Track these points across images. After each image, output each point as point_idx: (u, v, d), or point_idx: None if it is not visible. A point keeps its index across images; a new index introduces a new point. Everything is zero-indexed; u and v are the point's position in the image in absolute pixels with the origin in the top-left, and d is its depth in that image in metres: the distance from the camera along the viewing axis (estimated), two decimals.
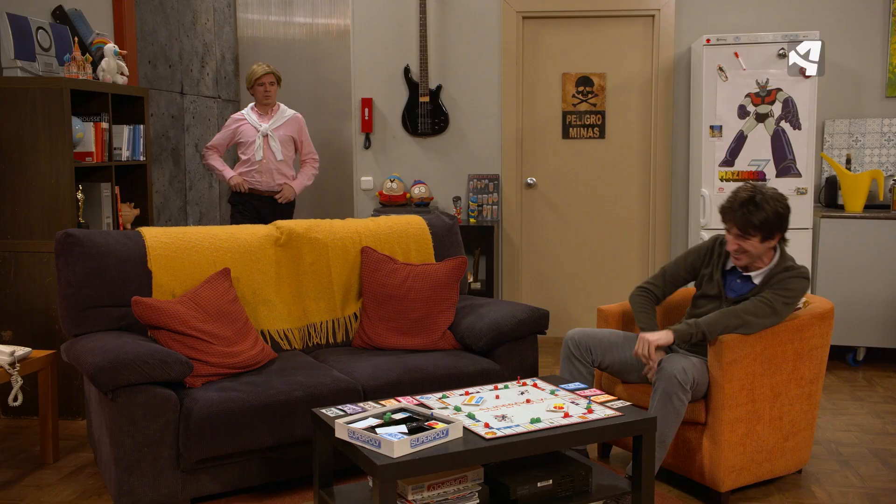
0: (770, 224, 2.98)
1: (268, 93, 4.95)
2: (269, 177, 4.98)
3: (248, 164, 4.96)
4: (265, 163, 4.94)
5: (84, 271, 3.15)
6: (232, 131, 5.02)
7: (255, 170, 4.95)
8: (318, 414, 2.63)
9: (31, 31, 3.94)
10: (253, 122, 4.97)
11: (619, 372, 3.24)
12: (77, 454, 3.54)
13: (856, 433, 3.77)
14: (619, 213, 5.61)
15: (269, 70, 4.92)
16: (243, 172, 4.99)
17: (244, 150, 4.99)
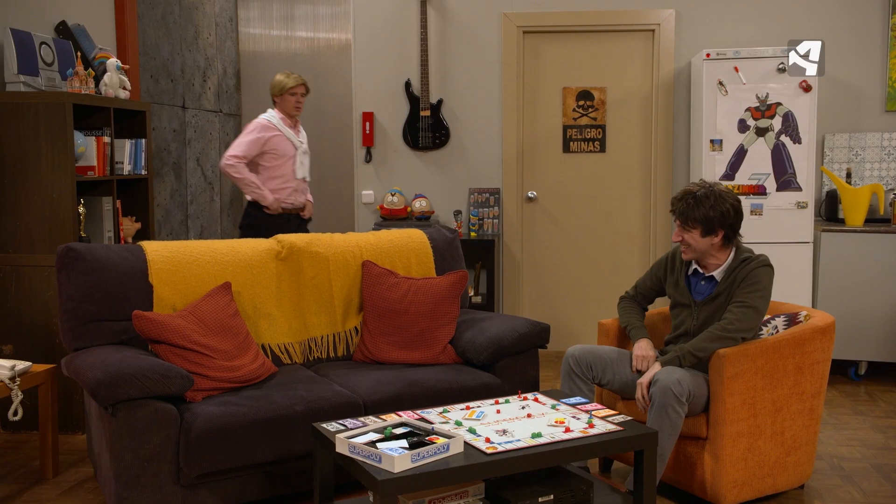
0: (709, 219, 3.05)
1: (299, 104, 4.69)
2: (302, 195, 4.76)
3: (282, 180, 4.63)
4: (302, 182, 4.72)
5: (85, 285, 3.15)
6: (262, 142, 4.61)
7: (291, 188, 4.66)
8: (319, 428, 2.63)
9: (35, 46, 3.96)
10: (289, 136, 4.66)
11: (619, 389, 3.23)
12: (77, 469, 3.53)
13: (858, 448, 3.76)
14: (619, 227, 5.61)
15: (302, 80, 4.70)
16: (276, 190, 4.63)
17: (278, 165, 4.63)
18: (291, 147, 4.65)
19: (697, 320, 3.16)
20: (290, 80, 4.64)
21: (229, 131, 6.06)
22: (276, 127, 4.62)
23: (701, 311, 3.16)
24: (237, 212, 6.23)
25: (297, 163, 4.65)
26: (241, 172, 4.55)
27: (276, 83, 4.68)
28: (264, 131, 4.60)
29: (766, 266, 3.07)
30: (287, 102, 4.66)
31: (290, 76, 4.67)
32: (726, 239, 3.11)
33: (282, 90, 4.64)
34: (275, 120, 4.65)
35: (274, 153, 4.61)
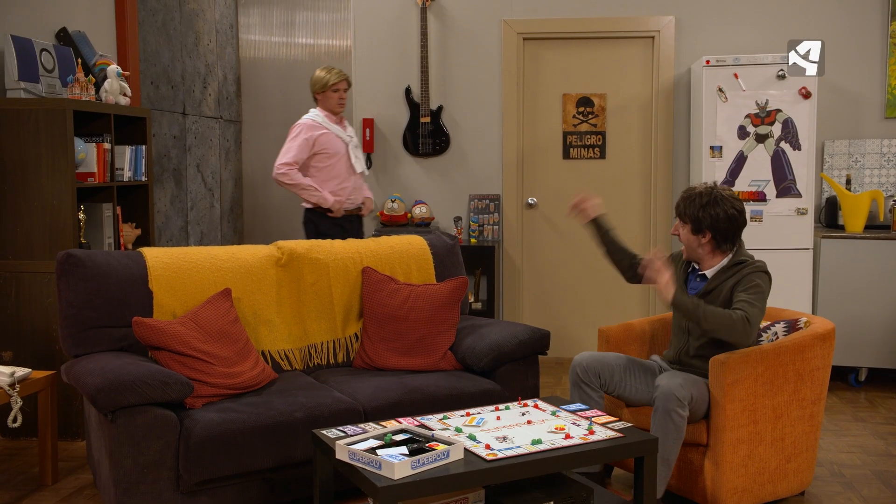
0: (697, 219, 3.10)
1: (343, 100, 4.52)
2: (359, 192, 4.61)
3: (339, 180, 4.49)
4: (357, 177, 4.57)
5: (85, 292, 3.15)
6: (312, 142, 4.45)
7: (350, 186, 4.52)
8: (319, 435, 2.62)
9: (35, 53, 3.97)
10: (336, 132, 4.50)
11: (627, 397, 3.23)
12: (76, 476, 3.53)
13: (858, 455, 3.76)
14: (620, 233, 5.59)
15: (345, 75, 4.52)
16: (336, 191, 4.48)
17: (331, 164, 4.48)
18: (341, 143, 4.51)
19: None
20: (332, 75, 4.47)
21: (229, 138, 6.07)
22: (321, 125, 4.47)
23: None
24: (237, 218, 6.23)
25: (351, 158, 4.50)
26: (295, 178, 4.42)
27: (317, 79, 4.50)
28: (311, 131, 4.45)
29: (762, 271, 3.07)
30: (330, 99, 4.49)
31: (332, 71, 4.49)
32: (715, 242, 3.11)
33: (324, 87, 4.47)
34: (319, 118, 4.50)
35: (325, 152, 4.46)
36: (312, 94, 4.56)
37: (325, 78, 4.46)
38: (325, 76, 4.47)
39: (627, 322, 3.56)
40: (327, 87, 4.46)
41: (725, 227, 3.10)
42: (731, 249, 3.15)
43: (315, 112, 4.53)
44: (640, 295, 5.62)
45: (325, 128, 4.46)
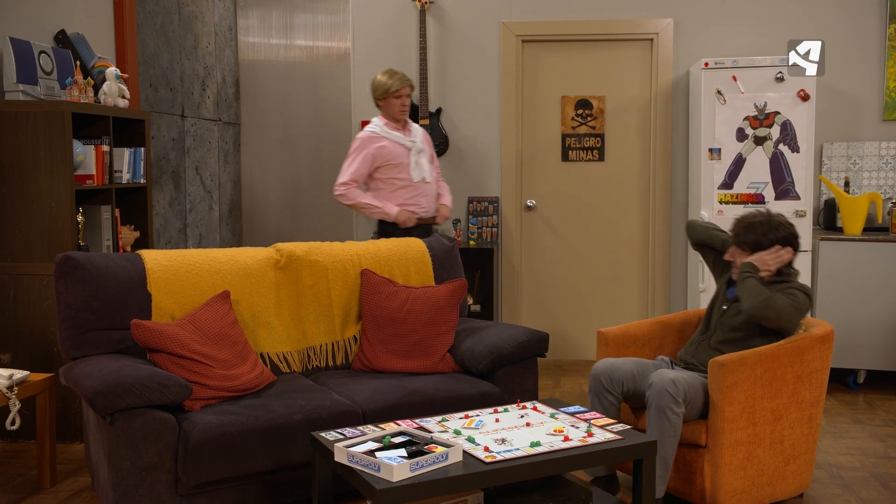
0: (759, 244, 3.18)
1: (405, 107, 4.29)
2: (431, 200, 4.34)
3: (411, 189, 4.26)
4: (426, 184, 4.31)
5: (84, 294, 3.15)
6: (371, 157, 4.24)
7: (418, 194, 4.29)
8: (318, 437, 2.62)
9: (34, 55, 3.97)
10: (397, 139, 4.28)
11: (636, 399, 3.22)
12: (74, 478, 3.52)
13: (857, 457, 3.76)
14: (618, 235, 5.62)
15: (408, 80, 4.28)
16: (405, 202, 4.27)
17: (396, 174, 4.26)
18: (404, 151, 4.29)
19: (719, 314, 3.27)
20: (395, 81, 4.24)
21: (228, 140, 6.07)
22: (379, 135, 4.28)
23: (729, 309, 3.24)
24: (236, 220, 6.23)
25: (413, 165, 4.28)
26: (353, 198, 4.24)
27: (379, 85, 4.28)
28: (369, 144, 4.25)
29: (801, 291, 3.15)
30: (392, 107, 4.28)
31: (394, 76, 4.26)
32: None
33: (385, 93, 4.25)
34: (378, 129, 4.30)
35: (388, 164, 4.25)
36: (374, 101, 4.36)
37: (386, 84, 4.25)
38: (386, 81, 4.26)
39: (626, 324, 3.56)
40: (389, 93, 4.25)
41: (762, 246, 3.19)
42: (787, 273, 3.23)
43: (375, 122, 4.34)
44: (639, 297, 5.62)
45: (385, 138, 4.27)
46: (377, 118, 4.38)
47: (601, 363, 3.20)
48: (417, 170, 4.29)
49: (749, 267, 3.15)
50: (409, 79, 4.30)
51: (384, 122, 4.33)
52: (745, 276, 3.13)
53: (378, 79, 4.33)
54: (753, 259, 3.18)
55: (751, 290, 3.07)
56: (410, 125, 4.42)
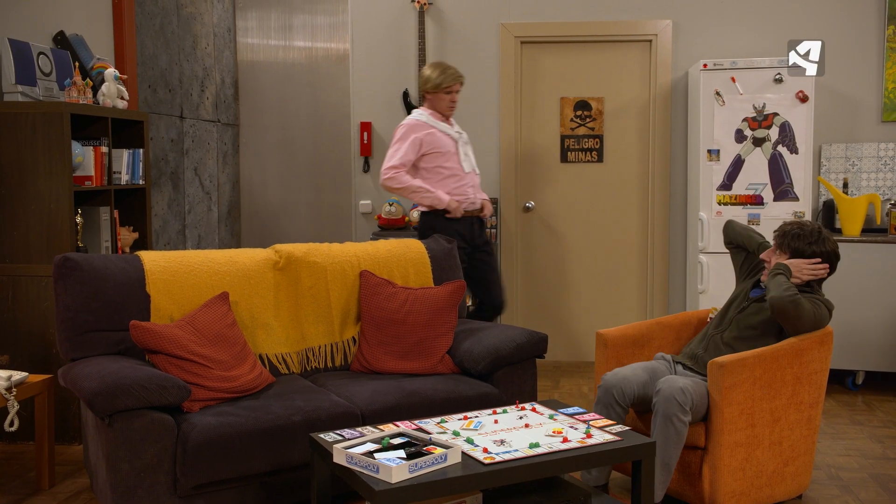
0: (800, 251, 3.21)
1: (454, 103, 4.26)
2: (477, 191, 4.32)
3: (456, 179, 4.21)
4: (474, 175, 4.31)
5: (82, 295, 3.15)
6: (419, 143, 4.20)
7: (465, 184, 4.23)
8: (317, 439, 2.62)
9: (33, 57, 3.97)
10: (444, 129, 4.24)
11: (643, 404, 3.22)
12: (73, 480, 3.52)
13: (856, 458, 3.76)
14: (617, 236, 5.62)
15: (460, 77, 4.22)
16: (453, 190, 4.22)
17: (443, 162, 4.21)
18: (450, 141, 4.26)
19: (737, 310, 3.29)
20: (447, 77, 4.16)
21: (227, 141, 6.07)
22: (427, 124, 4.24)
23: (749, 307, 3.25)
24: (234, 221, 6.23)
25: (461, 155, 4.25)
26: (404, 181, 4.19)
27: (430, 78, 4.20)
28: (416, 131, 4.21)
29: (825, 304, 3.19)
30: (441, 101, 4.23)
31: (447, 71, 4.18)
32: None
33: (436, 87, 4.19)
34: (424, 117, 4.27)
35: (435, 151, 4.21)
36: (421, 93, 4.30)
37: (438, 79, 4.19)
38: (438, 76, 4.19)
39: (625, 325, 3.56)
40: (440, 88, 4.21)
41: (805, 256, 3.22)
42: (818, 286, 3.27)
43: (420, 111, 4.30)
44: (638, 298, 5.62)
45: (432, 126, 4.24)
46: (421, 109, 4.34)
47: (612, 376, 3.16)
48: (467, 160, 4.29)
49: (782, 267, 3.17)
50: (461, 75, 4.26)
51: (429, 112, 4.29)
52: (777, 272, 3.15)
53: (426, 72, 4.29)
54: (791, 263, 3.19)
55: (779, 284, 3.08)
56: (452, 119, 4.41)
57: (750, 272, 3.45)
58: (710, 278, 4.96)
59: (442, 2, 5.56)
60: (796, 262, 3.19)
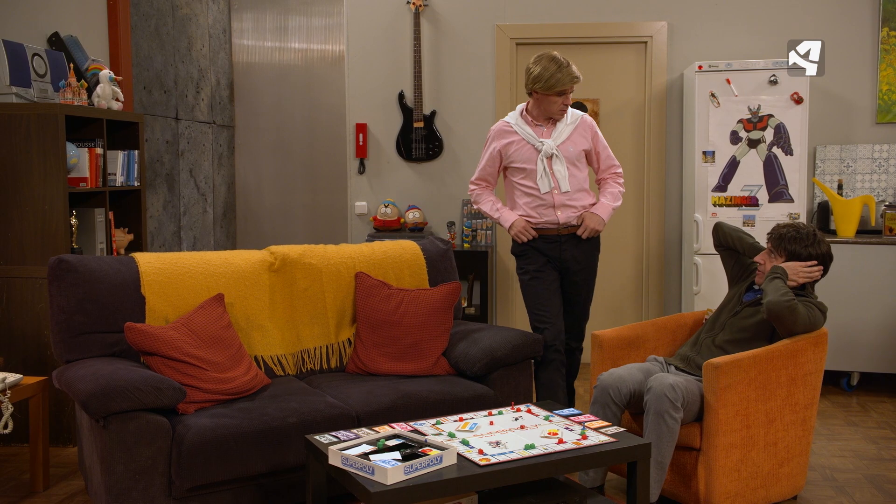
0: (796, 254, 3.21)
1: (566, 106, 3.68)
2: (565, 210, 3.72)
3: (533, 198, 3.72)
4: (560, 195, 3.70)
5: (77, 297, 3.14)
6: (498, 152, 3.76)
7: (542, 204, 3.70)
8: (312, 440, 2.62)
9: (27, 58, 3.96)
10: (528, 136, 3.70)
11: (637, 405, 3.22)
12: (68, 482, 3.51)
13: (851, 459, 3.77)
14: (612, 237, 5.62)
15: (578, 78, 3.62)
16: (528, 211, 3.74)
17: (520, 178, 3.74)
18: (532, 153, 3.72)
19: (730, 314, 3.29)
20: (565, 75, 3.58)
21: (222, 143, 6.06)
22: (511, 129, 3.77)
23: (742, 311, 3.26)
24: (230, 223, 6.22)
25: (539, 171, 3.70)
26: (479, 202, 3.92)
27: (542, 76, 3.60)
28: (496, 139, 3.80)
29: (818, 308, 3.19)
30: (551, 105, 3.65)
31: (563, 69, 3.57)
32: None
33: (548, 88, 3.59)
34: (512, 120, 3.79)
35: (513, 165, 3.79)
36: (528, 90, 3.70)
37: (552, 78, 3.58)
38: (553, 74, 3.57)
39: (621, 327, 3.56)
40: (552, 89, 3.60)
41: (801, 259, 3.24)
42: (811, 288, 3.28)
43: (516, 111, 3.83)
44: (634, 299, 5.62)
45: (515, 133, 3.75)
46: (521, 105, 3.79)
47: (608, 376, 3.17)
48: (546, 178, 3.66)
49: (779, 270, 3.17)
50: (579, 76, 3.61)
51: (524, 114, 3.74)
52: (774, 276, 3.15)
53: (541, 68, 3.59)
54: (787, 266, 3.20)
55: (777, 288, 3.09)
56: (564, 118, 3.74)
57: (742, 275, 3.46)
58: (706, 280, 4.97)
59: (437, 3, 5.56)
60: (793, 266, 3.20)
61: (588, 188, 3.83)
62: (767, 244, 3.31)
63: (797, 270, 3.20)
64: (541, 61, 3.62)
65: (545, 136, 3.71)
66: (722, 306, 3.39)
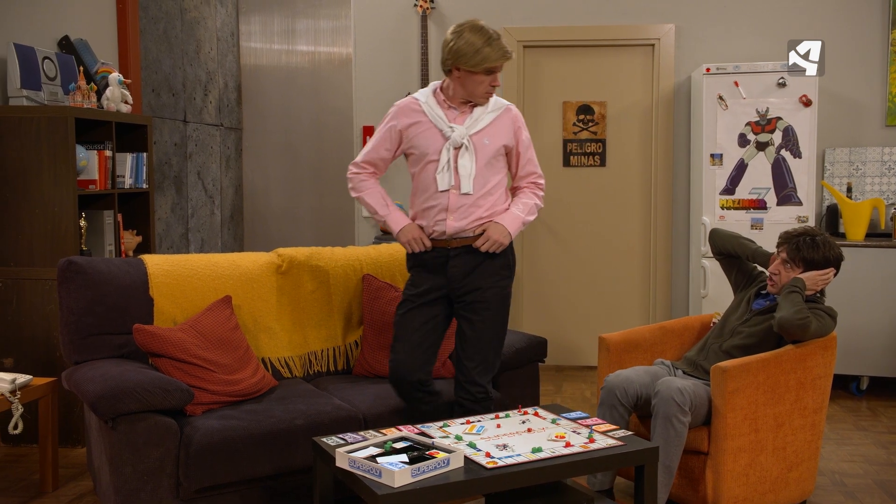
0: (813, 260, 3.17)
1: (493, 90, 2.98)
2: (462, 217, 2.98)
3: (426, 197, 3.02)
4: (459, 196, 2.96)
5: (86, 299, 3.15)
6: (398, 132, 3.01)
7: (437, 206, 2.98)
8: (319, 443, 2.62)
9: (38, 61, 3.98)
10: (436, 119, 2.96)
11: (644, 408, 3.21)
12: (77, 482, 3.52)
13: (860, 464, 3.75)
14: (619, 241, 5.62)
15: (510, 53, 2.96)
16: (422, 213, 3.04)
17: (420, 168, 3.02)
18: (439, 140, 3.02)
19: (739, 321, 3.27)
20: (495, 50, 2.92)
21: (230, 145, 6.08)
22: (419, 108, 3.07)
23: (751, 319, 3.24)
24: (237, 225, 6.24)
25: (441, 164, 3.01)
26: (358, 189, 3.20)
27: (467, 49, 2.91)
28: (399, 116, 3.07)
29: (829, 314, 3.17)
30: (478, 84, 2.96)
31: (493, 42, 2.92)
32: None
33: (476, 63, 2.91)
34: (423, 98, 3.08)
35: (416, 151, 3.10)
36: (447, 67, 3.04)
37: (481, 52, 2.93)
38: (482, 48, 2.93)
39: (628, 330, 3.56)
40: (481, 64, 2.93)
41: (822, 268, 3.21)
42: (821, 292, 3.25)
43: (428, 89, 3.13)
44: (641, 302, 5.61)
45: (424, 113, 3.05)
46: (435, 83, 3.07)
47: (615, 377, 3.16)
48: (447, 173, 2.95)
49: (799, 283, 3.12)
50: (510, 51, 2.96)
51: (438, 92, 3.02)
52: (792, 289, 3.10)
53: (465, 41, 2.91)
54: (806, 277, 3.16)
55: (793, 303, 3.04)
56: (479, 110, 3.01)
57: (746, 281, 3.42)
58: (713, 283, 4.96)
59: (444, 6, 5.56)
60: (811, 276, 3.16)
61: (500, 196, 3.04)
62: (780, 253, 3.24)
63: (816, 280, 3.17)
64: (463, 33, 2.95)
65: (457, 122, 2.97)
66: (729, 312, 3.37)
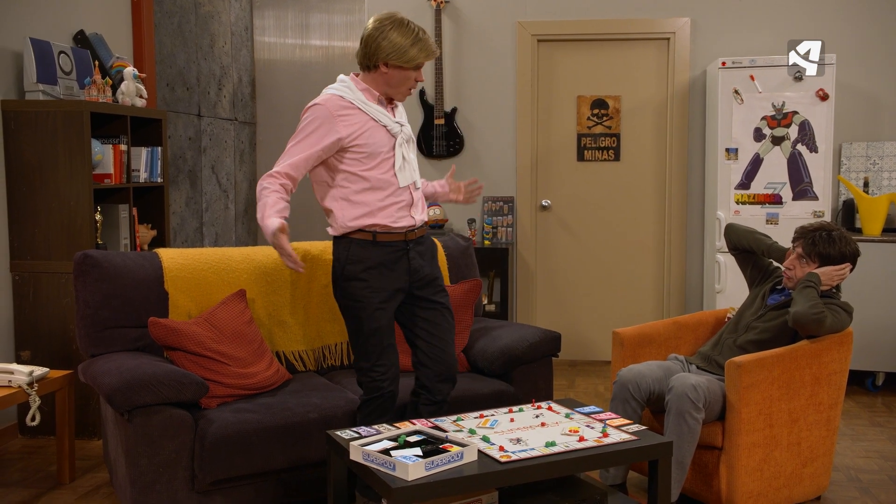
0: (829, 256, 3.15)
1: (417, 84, 2.92)
2: (421, 207, 2.96)
3: (389, 194, 2.84)
4: (412, 190, 2.91)
5: (102, 292, 3.17)
6: (336, 131, 2.77)
7: (401, 203, 2.86)
8: (333, 436, 2.63)
9: (53, 55, 4.00)
10: (378, 115, 2.83)
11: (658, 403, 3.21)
12: (93, 474, 3.55)
13: (876, 460, 3.73)
14: (634, 235, 5.60)
15: (436, 51, 2.90)
16: (378, 211, 2.83)
17: (371, 167, 2.82)
18: (386, 137, 2.88)
19: (753, 317, 3.25)
20: (419, 49, 2.82)
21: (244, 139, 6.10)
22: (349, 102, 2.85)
23: (766, 314, 3.22)
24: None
25: (397, 160, 2.90)
26: (262, 196, 3.12)
27: (392, 47, 2.78)
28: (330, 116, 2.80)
29: (844, 309, 3.14)
30: (399, 82, 2.85)
31: (419, 41, 2.81)
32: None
33: (407, 60, 2.80)
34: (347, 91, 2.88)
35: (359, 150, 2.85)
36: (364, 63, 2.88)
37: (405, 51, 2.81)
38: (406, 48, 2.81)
39: (642, 324, 3.55)
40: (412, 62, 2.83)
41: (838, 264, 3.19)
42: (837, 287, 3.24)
43: (343, 81, 2.93)
44: (655, 297, 5.60)
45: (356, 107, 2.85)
46: (345, 78, 2.88)
47: (627, 371, 3.15)
48: (407, 169, 2.87)
49: (814, 278, 3.10)
50: (436, 49, 2.91)
51: (360, 86, 2.84)
52: (807, 284, 3.08)
53: (397, 35, 2.78)
54: (821, 272, 3.13)
55: (809, 298, 3.03)
56: (396, 104, 2.95)
57: (761, 277, 3.41)
58: (728, 278, 4.94)
59: (458, 0, 5.55)
60: (827, 271, 3.13)
61: None
62: (796, 248, 3.22)
63: (832, 275, 3.14)
64: (389, 29, 2.79)
65: (392, 116, 2.89)
66: (744, 308, 3.36)
